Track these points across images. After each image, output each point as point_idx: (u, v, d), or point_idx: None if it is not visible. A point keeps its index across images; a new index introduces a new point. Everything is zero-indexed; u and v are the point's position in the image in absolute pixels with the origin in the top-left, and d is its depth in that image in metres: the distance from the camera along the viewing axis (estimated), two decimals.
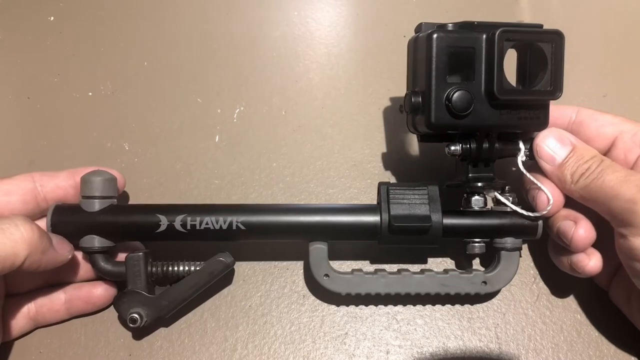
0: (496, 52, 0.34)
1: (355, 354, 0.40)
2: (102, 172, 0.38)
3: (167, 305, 0.38)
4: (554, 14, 0.52)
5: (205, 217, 0.37)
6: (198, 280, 0.38)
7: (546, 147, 0.36)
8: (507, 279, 0.38)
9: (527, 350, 0.40)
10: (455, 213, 0.38)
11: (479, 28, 0.35)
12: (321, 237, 0.38)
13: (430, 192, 0.37)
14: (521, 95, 0.36)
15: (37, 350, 0.40)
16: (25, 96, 0.48)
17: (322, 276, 0.38)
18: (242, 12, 0.51)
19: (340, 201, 0.45)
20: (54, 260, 0.34)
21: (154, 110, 0.48)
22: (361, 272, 0.39)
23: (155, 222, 0.37)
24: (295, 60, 0.49)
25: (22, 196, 0.36)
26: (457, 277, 0.38)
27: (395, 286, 0.38)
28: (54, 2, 0.51)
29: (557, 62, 0.35)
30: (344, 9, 0.52)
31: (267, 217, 0.37)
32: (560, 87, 0.35)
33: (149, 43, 0.50)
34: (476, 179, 0.38)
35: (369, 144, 0.47)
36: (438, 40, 0.35)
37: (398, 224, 0.36)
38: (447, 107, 0.35)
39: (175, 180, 0.45)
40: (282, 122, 0.47)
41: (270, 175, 0.46)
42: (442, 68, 0.35)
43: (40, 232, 0.32)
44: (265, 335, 0.41)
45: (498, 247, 0.38)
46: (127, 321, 0.37)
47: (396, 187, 0.37)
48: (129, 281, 0.37)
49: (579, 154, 0.36)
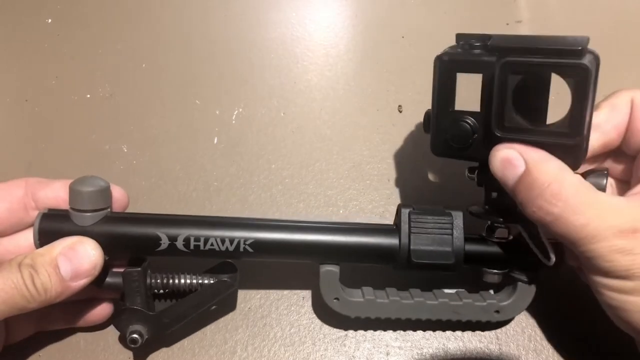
0: (496, 85, 0.30)
1: (355, 356, 0.40)
2: (92, 181, 0.34)
3: (168, 323, 0.36)
4: (552, 13, 0.52)
5: (210, 236, 0.34)
6: (201, 299, 0.36)
7: (496, 164, 0.31)
8: (521, 309, 0.37)
9: (528, 351, 0.40)
10: (477, 241, 0.36)
11: (493, 48, 0.30)
12: (334, 259, 0.36)
13: (455, 221, 0.35)
14: (527, 135, 0.31)
15: (37, 354, 0.40)
16: (23, 99, 0.48)
17: (332, 299, 0.36)
18: (240, 13, 0.51)
19: (340, 202, 0.45)
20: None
21: (152, 112, 0.47)
22: (373, 296, 0.37)
23: (155, 240, 0.34)
24: (293, 61, 0.49)
25: (10, 204, 0.34)
26: (470, 306, 0.37)
27: (407, 312, 0.37)
28: (52, 5, 0.51)
29: (579, 101, 0.28)
30: (342, 10, 0.52)
31: (278, 237, 0.35)
32: (580, 130, 0.29)
33: (147, 45, 0.50)
34: (496, 210, 0.34)
35: (368, 145, 0.46)
36: (441, 65, 0.31)
37: (418, 261, 0.34)
38: (445, 139, 0.33)
39: (174, 183, 0.45)
40: (281, 124, 0.47)
41: (269, 176, 0.45)
42: (445, 94, 0.32)
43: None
44: (265, 338, 0.40)
45: (516, 277, 0.36)
46: (127, 341, 0.35)
47: (418, 214, 0.35)
48: (127, 298, 0.35)
49: (535, 174, 0.30)
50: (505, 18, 0.52)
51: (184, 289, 0.37)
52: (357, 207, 0.45)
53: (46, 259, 0.31)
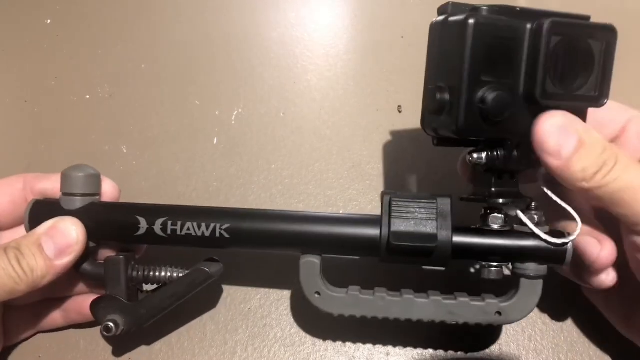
0: (542, 48, 0.28)
1: (355, 356, 0.40)
2: (84, 168, 0.35)
3: (144, 314, 0.35)
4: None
5: (187, 221, 0.34)
6: (177, 289, 0.35)
7: (547, 136, 0.29)
8: (526, 311, 0.33)
9: (528, 351, 0.40)
10: (469, 231, 0.33)
11: (522, 15, 0.29)
12: (314, 249, 0.34)
13: (440, 206, 0.32)
14: (565, 101, 0.30)
15: (36, 354, 0.40)
16: (22, 99, 0.48)
17: (313, 293, 0.34)
18: (240, 13, 0.51)
19: (340, 203, 0.45)
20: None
21: (152, 113, 0.47)
22: (357, 291, 0.34)
23: (134, 224, 0.34)
24: (293, 61, 0.49)
25: (12, 197, 0.36)
26: (466, 305, 0.33)
27: (394, 311, 0.33)
28: (51, 5, 0.51)
29: (606, 64, 0.30)
30: (342, 10, 0.52)
31: (254, 224, 0.34)
32: (606, 93, 0.30)
33: (146, 45, 0.50)
34: (500, 193, 0.32)
35: (367, 145, 0.46)
36: (476, 28, 0.28)
37: (397, 243, 0.31)
38: (481, 110, 0.29)
39: (173, 183, 0.45)
40: (281, 124, 0.47)
41: (269, 177, 0.45)
42: (477, 62, 0.29)
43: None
44: (265, 338, 0.40)
45: (518, 273, 0.33)
46: (102, 329, 0.35)
47: (400, 199, 0.32)
48: (107, 285, 0.35)
49: (590, 144, 0.29)
50: None
51: (164, 281, 0.36)
52: (357, 207, 0.45)
53: (30, 240, 0.33)
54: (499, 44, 0.29)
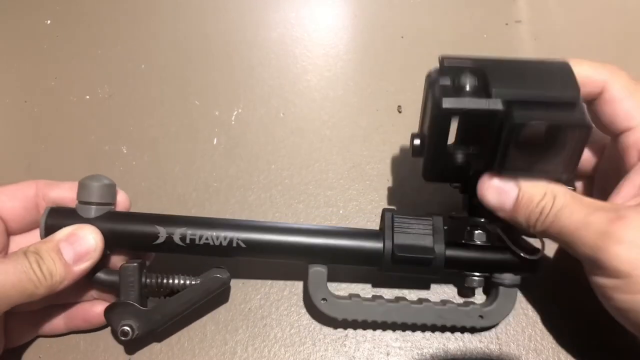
0: (512, 138, 0.30)
1: (355, 356, 0.40)
2: (101, 177, 0.37)
3: (159, 319, 0.37)
4: (551, 13, 0.52)
5: (205, 232, 0.36)
6: (193, 296, 0.37)
7: (488, 196, 0.33)
8: (504, 315, 0.38)
9: (528, 351, 0.40)
10: (458, 246, 0.37)
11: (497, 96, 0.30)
12: (322, 260, 0.37)
13: (435, 224, 0.37)
14: (525, 172, 0.32)
15: (37, 355, 0.40)
16: (22, 100, 0.48)
17: (319, 300, 0.38)
18: (240, 14, 0.51)
19: (340, 202, 0.45)
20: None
21: (151, 113, 0.47)
22: (359, 298, 0.38)
23: (153, 234, 0.36)
24: (293, 61, 0.49)
25: (25, 202, 0.36)
26: (454, 310, 0.38)
27: (393, 315, 0.38)
28: (51, 6, 0.51)
29: (576, 152, 0.31)
30: (341, 10, 0.52)
31: (268, 236, 0.36)
32: (573, 170, 0.32)
33: (146, 46, 0.50)
34: (477, 212, 0.36)
35: (367, 145, 0.46)
36: (440, 112, 0.31)
37: (401, 254, 0.35)
38: (442, 169, 0.34)
39: (173, 184, 0.45)
40: (280, 124, 0.47)
41: (269, 177, 0.45)
42: (441, 134, 0.32)
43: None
44: (265, 338, 0.40)
45: (497, 282, 0.37)
46: (118, 333, 0.36)
47: (401, 216, 0.37)
48: (121, 292, 0.36)
49: (527, 196, 0.32)
50: (505, 18, 0.52)
51: (177, 289, 0.37)
52: (356, 207, 0.45)
53: (49, 245, 0.33)
54: (468, 122, 0.32)
